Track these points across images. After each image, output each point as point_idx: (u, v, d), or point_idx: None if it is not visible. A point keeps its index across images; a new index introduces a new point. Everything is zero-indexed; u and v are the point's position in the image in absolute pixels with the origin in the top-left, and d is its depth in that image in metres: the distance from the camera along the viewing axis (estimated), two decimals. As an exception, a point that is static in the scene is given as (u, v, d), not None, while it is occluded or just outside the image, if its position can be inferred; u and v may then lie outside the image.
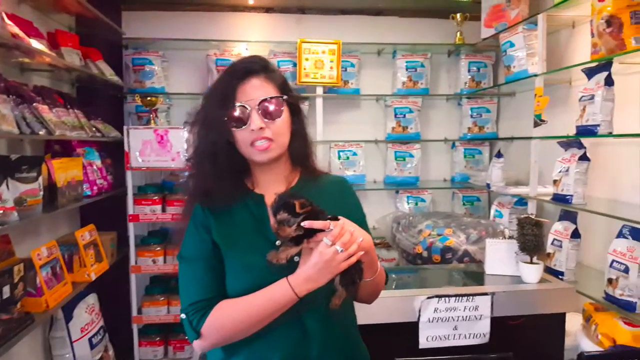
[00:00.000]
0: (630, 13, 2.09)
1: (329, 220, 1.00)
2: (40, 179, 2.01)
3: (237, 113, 1.07)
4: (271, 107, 1.08)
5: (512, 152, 3.53)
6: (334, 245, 0.98)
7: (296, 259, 1.04)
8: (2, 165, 1.78)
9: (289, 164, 1.18)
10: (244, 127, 1.07)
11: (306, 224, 0.99)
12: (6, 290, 1.64)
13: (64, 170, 2.22)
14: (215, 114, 1.08)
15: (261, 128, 1.07)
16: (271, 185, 1.14)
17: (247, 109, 1.07)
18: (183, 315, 1.08)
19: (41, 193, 2.00)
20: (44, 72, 2.60)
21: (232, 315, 1.04)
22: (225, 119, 1.08)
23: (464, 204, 3.72)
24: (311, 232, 1.00)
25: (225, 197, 1.10)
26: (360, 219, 1.15)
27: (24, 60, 2.31)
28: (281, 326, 1.05)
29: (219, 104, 1.08)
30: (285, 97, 1.11)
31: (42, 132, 2.04)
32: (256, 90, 1.08)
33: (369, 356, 1.25)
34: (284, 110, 1.11)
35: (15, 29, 2.01)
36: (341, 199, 1.21)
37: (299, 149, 1.17)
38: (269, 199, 1.08)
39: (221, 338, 1.06)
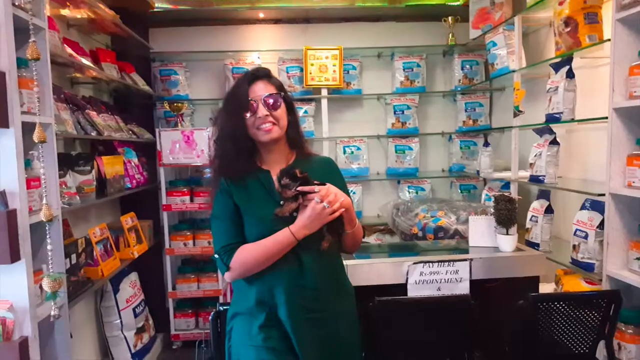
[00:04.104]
0: (584, 14, 2.40)
1: (318, 185, 1.40)
2: (93, 172, 2.45)
3: (248, 105, 1.46)
4: (272, 101, 1.48)
5: (504, 141, 3.82)
6: (322, 202, 1.37)
7: (295, 214, 1.43)
8: (66, 160, 2.23)
9: (287, 147, 1.58)
10: (253, 115, 1.47)
11: (302, 188, 1.37)
12: (73, 258, 2.08)
13: (111, 166, 2.66)
14: (234, 107, 1.48)
15: (266, 115, 1.46)
16: (274, 163, 1.53)
17: (255, 102, 1.47)
18: (216, 256, 1.48)
19: (94, 183, 2.44)
20: (89, 85, 3.07)
21: (251, 253, 1.43)
22: (240, 110, 1.47)
23: (461, 192, 4.01)
24: (305, 193, 1.40)
25: (241, 171, 1.50)
26: (343, 188, 1.54)
27: (74, 75, 2.76)
28: (285, 263, 1.45)
29: (236, 100, 1.48)
30: (282, 94, 1.51)
31: (93, 134, 2.49)
32: (261, 89, 1.48)
33: (353, 290, 1.62)
34: (282, 104, 1.51)
35: (70, 50, 2.46)
36: (328, 173, 1.58)
37: (294, 135, 1.57)
38: (274, 173, 1.48)
39: (243, 270, 1.45)
